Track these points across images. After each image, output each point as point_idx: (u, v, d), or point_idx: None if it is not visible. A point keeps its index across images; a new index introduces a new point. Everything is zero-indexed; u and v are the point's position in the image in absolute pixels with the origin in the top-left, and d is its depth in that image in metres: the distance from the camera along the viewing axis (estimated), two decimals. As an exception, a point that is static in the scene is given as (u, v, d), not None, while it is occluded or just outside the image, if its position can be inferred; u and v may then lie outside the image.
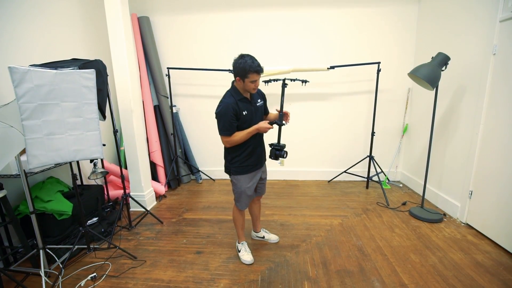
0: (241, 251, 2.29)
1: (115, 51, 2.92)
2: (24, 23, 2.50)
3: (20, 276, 2.09)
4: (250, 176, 2.14)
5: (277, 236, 2.56)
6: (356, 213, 3.05)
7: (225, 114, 1.90)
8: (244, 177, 2.12)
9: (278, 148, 2.02)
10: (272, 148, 2.05)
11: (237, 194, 2.18)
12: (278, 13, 3.73)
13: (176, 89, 4.05)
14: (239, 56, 1.90)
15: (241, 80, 1.90)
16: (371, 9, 3.59)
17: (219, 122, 1.96)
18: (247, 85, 1.91)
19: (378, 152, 3.93)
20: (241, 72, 1.86)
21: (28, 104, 1.65)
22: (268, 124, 1.94)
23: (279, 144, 2.05)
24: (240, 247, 2.31)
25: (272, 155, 2.05)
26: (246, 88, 1.94)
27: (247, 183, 2.13)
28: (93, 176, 2.50)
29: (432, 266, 2.12)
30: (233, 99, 1.95)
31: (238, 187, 2.14)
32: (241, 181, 2.12)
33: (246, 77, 1.87)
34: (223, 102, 1.94)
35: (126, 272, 2.15)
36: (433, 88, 2.62)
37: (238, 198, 2.20)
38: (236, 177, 2.12)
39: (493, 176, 2.41)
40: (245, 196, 2.16)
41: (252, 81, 1.89)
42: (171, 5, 3.83)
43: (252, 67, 1.84)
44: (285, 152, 2.01)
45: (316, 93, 3.90)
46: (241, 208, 2.22)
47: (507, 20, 2.26)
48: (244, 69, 1.84)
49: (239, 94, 1.99)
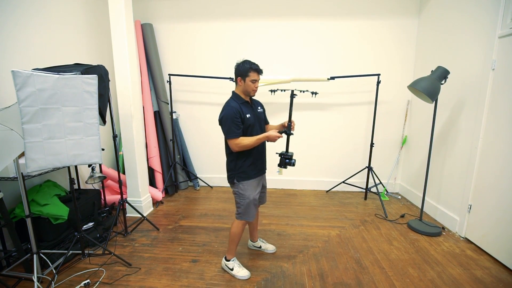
0: (235, 268, 2.16)
1: (118, 57, 2.94)
2: (28, 27, 2.53)
3: (12, 281, 2.05)
4: (257, 181, 2.13)
5: (274, 246, 2.53)
6: (354, 224, 3.03)
7: (230, 116, 1.93)
8: (251, 183, 2.08)
9: (288, 157, 2.03)
10: (282, 157, 2.05)
11: (244, 205, 2.07)
12: (280, 23, 3.78)
13: (176, 96, 4.07)
14: (239, 62, 2.03)
15: (242, 80, 1.99)
16: (371, 22, 3.65)
17: (224, 126, 1.96)
18: (248, 85, 1.98)
19: (377, 163, 3.93)
20: (243, 71, 1.97)
21: (29, 108, 1.65)
22: (278, 133, 1.96)
23: (288, 153, 2.06)
24: (232, 264, 2.17)
25: (282, 164, 2.05)
26: (246, 88, 2.01)
27: (255, 190, 2.10)
28: (91, 180, 2.49)
29: (430, 281, 2.09)
30: (235, 103, 2.00)
31: (245, 197, 2.06)
32: (248, 190, 2.07)
33: (247, 75, 1.96)
34: (227, 106, 1.99)
35: (120, 279, 2.12)
36: (433, 101, 2.64)
37: (245, 210, 2.08)
38: (244, 185, 2.06)
39: (492, 191, 2.41)
40: (253, 206, 2.10)
41: (253, 80, 1.97)
42: (174, 13, 3.88)
43: (253, 66, 1.97)
44: (294, 160, 2.03)
45: (316, 103, 3.92)
46: (250, 219, 2.12)
47: (506, 37, 2.29)
48: (245, 68, 1.96)
49: (240, 99, 2.04)
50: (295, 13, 3.73)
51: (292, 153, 2.06)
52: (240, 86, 2.03)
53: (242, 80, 1.99)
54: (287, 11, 3.73)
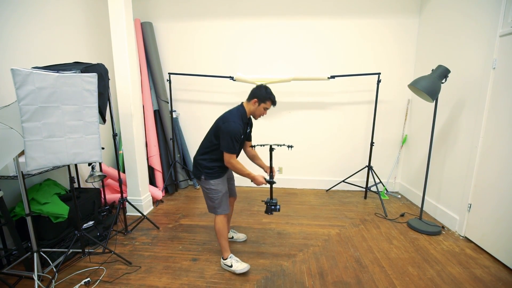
0: (233, 265, 2.18)
1: (117, 55, 2.94)
2: (28, 26, 2.52)
3: (13, 279, 2.06)
4: (224, 178, 2.28)
5: (244, 235, 2.69)
6: (354, 223, 3.03)
7: (234, 134, 2.03)
8: (221, 180, 2.22)
9: (273, 204, 2.25)
10: (268, 206, 2.24)
11: (217, 200, 2.20)
12: (280, 22, 3.77)
13: (176, 95, 4.06)
14: (262, 85, 2.17)
15: (258, 103, 2.13)
16: (372, 21, 3.64)
17: (225, 139, 2.04)
18: (260, 109, 2.16)
19: (377, 163, 3.93)
20: (262, 97, 2.12)
21: (29, 106, 1.65)
22: (264, 181, 2.19)
23: (272, 200, 2.27)
24: (230, 261, 2.20)
25: (268, 211, 2.25)
26: (256, 112, 2.18)
27: (225, 185, 2.26)
28: (91, 179, 2.48)
29: (430, 280, 2.09)
30: (241, 123, 2.11)
31: (218, 192, 2.19)
32: (219, 185, 2.20)
33: (264, 102, 2.13)
34: (236, 122, 2.05)
35: (120, 278, 2.12)
36: (433, 100, 2.63)
37: (219, 204, 2.21)
38: (215, 182, 2.18)
39: (492, 190, 2.41)
40: (225, 199, 2.24)
41: (266, 108, 2.16)
42: (174, 12, 3.87)
43: (272, 97, 2.15)
44: (279, 206, 2.26)
45: (316, 102, 3.92)
46: (227, 211, 2.25)
47: (507, 35, 2.29)
48: (265, 95, 2.12)
49: (245, 118, 2.18)
50: (295, 12, 3.72)
51: (276, 200, 2.27)
52: (252, 106, 2.15)
53: (257, 103, 2.14)
54: (287, 10, 3.72)
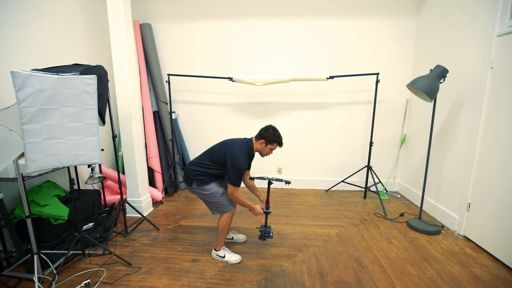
0: (226, 255, 2.34)
1: (117, 57, 2.94)
2: (27, 28, 2.52)
3: (13, 281, 2.06)
4: (217, 182, 2.36)
5: (244, 235, 2.71)
6: (353, 223, 3.04)
7: (239, 169, 2.14)
8: (213, 184, 2.30)
9: (267, 232, 2.34)
10: (262, 233, 2.35)
11: (219, 200, 2.28)
12: (278, 23, 3.78)
13: (175, 96, 4.07)
14: (270, 127, 2.26)
15: (265, 143, 2.24)
16: (370, 21, 3.65)
17: (232, 172, 2.13)
18: (266, 150, 2.26)
19: (376, 162, 3.94)
20: (269, 138, 2.22)
21: (29, 109, 1.65)
22: (261, 211, 2.34)
23: (267, 228, 2.36)
24: (223, 252, 2.35)
25: (262, 238, 2.37)
26: (263, 151, 2.28)
27: (220, 186, 2.34)
28: (91, 181, 2.49)
29: (430, 279, 2.10)
30: (247, 159, 2.23)
31: (215, 192, 2.28)
32: (215, 187, 2.29)
33: (271, 144, 2.23)
34: (242, 159, 2.15)
35: (120, 279, 2.12)
36: (432, 100, 2.64)
37: (224, 203, 2.30)
38: (208, 187, 2.27)
39: (491, 189, 2.42)
40: (225, 195, 2.31)
41: (272, 149, 2.27)
42: (173, 13, 3.88)
43: (279, 139, 2.24)
44: (272, 233, 2.36)
45: (315, 103, 3.92)
46: (232, 208, 2.33)
47: (504, 35, 2.30)
48: (273, 138, 2.22)
49: (251, 154, 2.30)
50: (294, 12, 3.73)
51: (270, 227, 2.37)
52: (260, 146, 2.26)
53: (264, 144, 2.24)
54: (286, 10, 3.73)
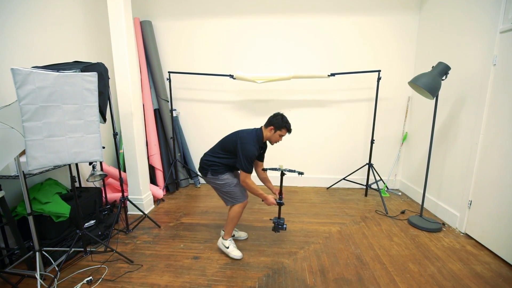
0: (230, 247, 2.37)
1: (117, 54, 2.93)
2: (27, 26, 2.52)
3: (15, 279, 2.07)
4: (232, 173, 2.40)
5: (245, 233, 2.72)
6: (354, 221, 3.04)
7: (250, 156, 2.16)
8: (229, 174, 2.34)
9: (281, 223, 2.35)
10: (276, 224, 2.35)
11: (232, 190, 2.30)
12: (279, 20, 3.76)
13: (176, 93, 4.06)
14: (278, 114, 2.28)
15: (274, 130, 2.26)
16: (372, 18, 3.63)
17: (243, 159, 2.16)
18: (275, 136, 2.28)
19: (377, 160, 3.94)
20: (278, 125, 2.24)
21: (30, 106, 1.65)
22: (274, 201, 2.32)
23: (280, 219, 2.36)
24: (228, 243, 2.38)
25: (276, 229, 2.37)
26: (272, 138, 2.30)
27: (234, 177, 2.37)
28: (92, 178, 2.49)
29: (431, 276, 2.10)
30: (258, 146, 2.25)
31: (229, 182, 2.30)
32: (229, 178, 2.32)
33: (280, 130, 2.25)
34: (252, 145, 2.18)
35: (122, 276, 2.13)
36: (433, 97, 2.63)
37: (237, 193, 2.31)
38: (223, 176, 2.30)
39: (492, 187, 2.41)
40: (240, 187, 2.34)
41: (281, 135, 2.28)
42: (174, 10, 3.86)
43: (288, 125, 2.27)
44: (286, 225, 2.36)
45: (316, 100, 3.91)
46: (245, 199, 2.35)
47: (507, 32, 2.28)
48: (282, 123, 2.24)
49: (261, 142, 2.31)
50: (295, 10, 3.71)
51: (284, 219, 2.37)
52: (269, 132, 2.28)
53: (273, 130, 2.26)
54: (287, 8, 3.71)
